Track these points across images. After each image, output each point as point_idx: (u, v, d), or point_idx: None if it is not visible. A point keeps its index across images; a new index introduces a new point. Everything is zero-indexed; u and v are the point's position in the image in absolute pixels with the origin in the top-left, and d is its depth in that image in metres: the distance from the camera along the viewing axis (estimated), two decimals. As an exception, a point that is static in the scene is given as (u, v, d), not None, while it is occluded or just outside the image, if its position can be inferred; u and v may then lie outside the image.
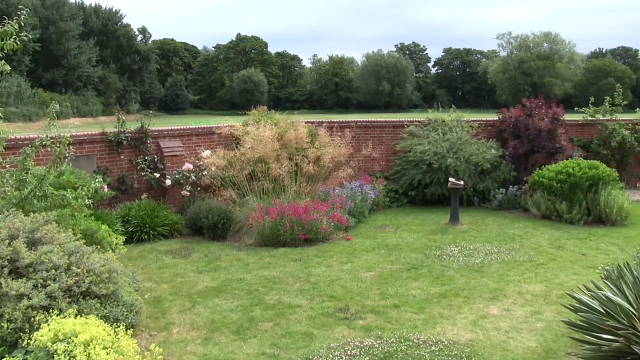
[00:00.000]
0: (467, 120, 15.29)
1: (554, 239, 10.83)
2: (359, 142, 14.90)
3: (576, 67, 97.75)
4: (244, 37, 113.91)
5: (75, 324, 4.72)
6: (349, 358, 5.76)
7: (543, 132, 14.16)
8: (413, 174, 13.93)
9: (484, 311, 7.10)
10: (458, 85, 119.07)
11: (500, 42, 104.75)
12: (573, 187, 12.22)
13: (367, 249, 10.12)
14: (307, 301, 7.46)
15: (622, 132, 16.26)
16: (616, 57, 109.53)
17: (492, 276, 8.47)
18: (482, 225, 11.99)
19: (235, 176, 12.09)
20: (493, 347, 6.05)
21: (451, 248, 10.08)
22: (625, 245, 10.18)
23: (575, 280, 8.07)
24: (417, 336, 6.28)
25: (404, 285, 8.07)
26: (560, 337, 6.26)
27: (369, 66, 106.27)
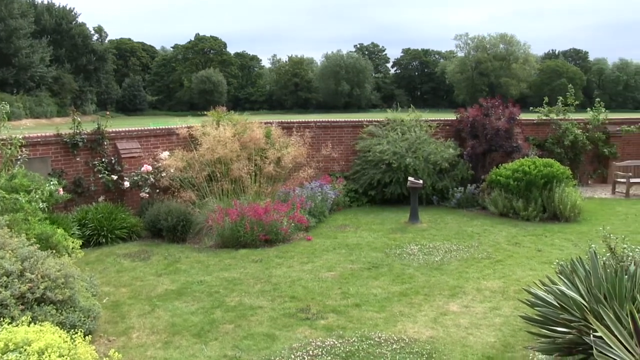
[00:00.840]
0: (425, 120, 15.48)
1: (511, 236, 11.06)
2: (318, 142, 14.93)
3: (531, 67, 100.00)
4: (203, 37, 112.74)
5: (28, 332, 4.56)
6: (311, 358, 5.76)
7: (500, 131, 14.45)
8: (372, 173, 14.03)
9: (444, 308, 7.19)
10: (417, 86, 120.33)
11: (457, 43, 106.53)
12: (529, 185, 12.50)
13: (327, 248, 10.14)
14: (268, 302, 7.43)
15: (575, 131, 16.73)
16: (568, 59, 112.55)
17: (451, 274, 8.59)
18: (442, 224, 12.16)
19: (194, 177, 11.98)
20: (453, 343, 6.13)
21: (411, 247, 10.19)
22: (578, 241, 10.47)
23: (532, 276, 8.25)
24: (379, 335, 6.32)
25: (365, 285, 8.12)
26: (518, 331, 6.40)
27: (328, 66, 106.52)
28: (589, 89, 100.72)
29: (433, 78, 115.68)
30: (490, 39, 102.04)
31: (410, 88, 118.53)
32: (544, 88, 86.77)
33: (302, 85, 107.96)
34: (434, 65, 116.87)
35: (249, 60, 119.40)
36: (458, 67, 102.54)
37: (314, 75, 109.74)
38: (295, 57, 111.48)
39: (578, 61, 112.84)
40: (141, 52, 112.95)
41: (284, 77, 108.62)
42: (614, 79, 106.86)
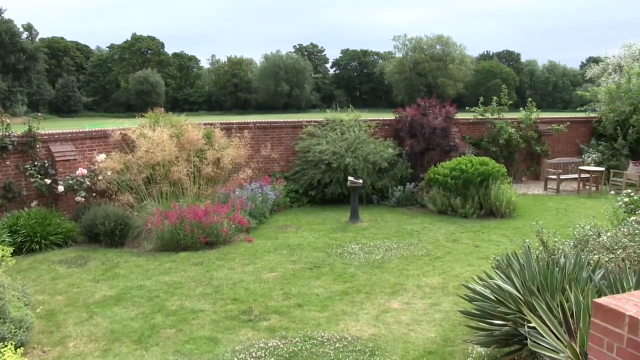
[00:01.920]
0: (364, 119, 15.64)
1: (449, 232, 11.30)
2: (258, 143, 14.86)
3: (467, 68, 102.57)
4: (140, 37, 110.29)
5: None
6: (254, 360, 5.74)
7: (437, 130, 14.75)
8: (313, 173, 14.06)
9: (385, 306, 7.28)
10: (356, 86, 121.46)
11: (396, 44, 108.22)
12: (466, 183, 12.81)
13: (269, 249, 10.11)
14: (210, 305, 7.35)
15: (509, 130, 17.27)
16: (502, 60, 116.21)
17: (392, 271, 8.71)
18: (382, 222, 12.31)
19: (132, 180, 11.69)
20: (395, 340, 6.22)
21: (352, 246, 10.27)
22: (513, 236, 10.80)
23: (470, 271, 8.46)
24: (321, 334, 6.34)
25: (307, 285, 8.14)
26: (458, 326, 6.55)
27: (267, 67, 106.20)
28: (521, 89, 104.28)
29: (372, 78, 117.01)
30: (427, 40, 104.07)
31: (349, 88, 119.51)
32: (479, 88, 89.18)
33: (242, 86, 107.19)
34: (372, 66, 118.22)
35: (187, 61, 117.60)
36: (396, 68, 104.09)
37: (254, 75, 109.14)
38: (234, 57, 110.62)
39: (511, 62, 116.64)
40: (75, 52, 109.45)
41: (223, 78, 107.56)
42: (544, 80, 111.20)
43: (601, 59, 23.66)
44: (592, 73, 23.06)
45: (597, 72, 22.66)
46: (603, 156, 18.14)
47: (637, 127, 17.84)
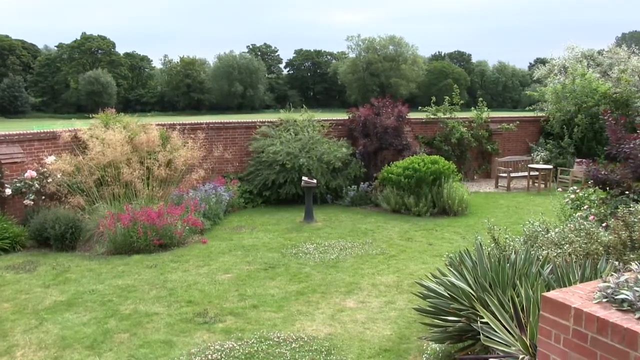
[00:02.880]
0: (318, 120, 15.67)
1: (403, 231, 11.43)
2: (211, 143, 14.71)
3: (419, 68, 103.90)
4: (90, 36, 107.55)
5: None
6: (209, 363, 5.68)
7: (390, 130, 14.90)
8: (267, 174, 14.01)
9: (341, 305, 7.31)
10: (309, 86, 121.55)
11: (349, 44, 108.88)
12: (419, 182, 12.97)
13: (223, 251, 10.03)
14: (164, 308, 7.24)
15: (461, 129, 17.58)
16: (453, 60, 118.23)
17: (347, 270, 8.76)
18: (336, 222, 12.36)
19: (83, 182, 11.41)
20: (351, 338, 6.25)
21: (307, 245, 10.28)
22: (466, 234, 11.00)
23: (424, 269, 8.57)
24: (278, 335, 6.33)
25: (262, 285, 8.11)
26: (412, 323, 6.63)
27: (221, 67, 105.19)
28: (472, 89, 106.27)
29: (325, 79, 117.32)
30: (380, 40, 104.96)
31: (303, 88, 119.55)
32: (431, 88, 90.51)
33: (195, 87, 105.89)
34: (326, 66, 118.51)
35: (139, 61, 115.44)
36: (350, 68, 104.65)
37: (207, 76, 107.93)
38: (187, 57, 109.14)
39: (462, 63, 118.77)
40: (21, 51, 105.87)
41: (175, 78, 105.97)
42: (494, 80, 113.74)
43: (547, 60, 24.35)
44: (539, 74, 23.69)
45: (543, 73, 23.29)
46: (551, 154, 18.67)
47: (581, 126, 18.44)
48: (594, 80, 19.22)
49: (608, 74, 20.80)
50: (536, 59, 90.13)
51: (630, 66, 19.98)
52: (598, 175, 8.41)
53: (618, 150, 8.30)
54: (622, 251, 5.80)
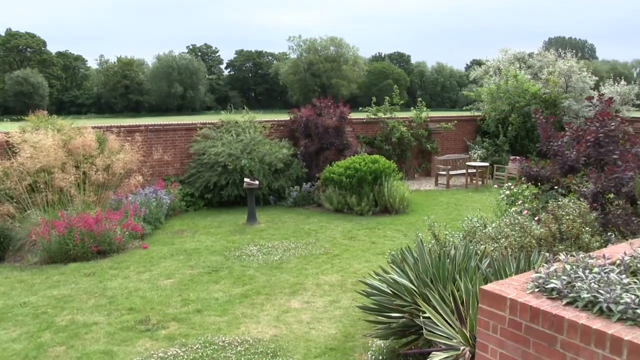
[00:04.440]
0: (260, 120, 15.63)
1: (346, 230, 11.53)
2: (151, 146, 14.45)
3: (360, 69, 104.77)
4: (17, 33, 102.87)
5: None
6: (152, 370, 5.59)
7: (331, 130, 15.01)
8: (208, 176, 13.87)
9: (285, 306, 7.32)
10: (251, 87, 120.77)
11: (290, 45, 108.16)
12: (360, 181, 13.11)
13: (165, 255, 9.86)
14: (104, 317, 7.06)
15: (401, 129, 17.87)
16: (393, 61, 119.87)
17: (291, 271, 8.77)
18: (279, 223, 12.35)
19: (12, 189, 10.97)
20: (296, 339, 6.27)
21: (250, 247, 10.24)
22: (407, 231, 11.20)
23: (367, 267, 8.67)
24: (222, 339, 6.28)
25: (206, 289, 8.02)
26: (357, 321, 6.70)
27: (160, 68, 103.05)
28: (412, 90, 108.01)
29: (267, 79, 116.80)
30: (321, 41, 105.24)
31: (244, 89, 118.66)
32: (372, 88, 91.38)
33: (133, 88, 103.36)
34: (267, 67, 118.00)
35: (73, 61, 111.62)
36: (291, 69, 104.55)
37: (145, 77, 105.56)
38: (124, 57, 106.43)
39: (402, 64, 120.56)
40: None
41: (112, 79, 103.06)
42: (433, 81, 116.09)
43: (483, 62, 25.05)
44: (475, 75, 24.33)
45: (479, 74, 23.95)
46: (487, 152, 19.22)
47: (515, 125, 19.07)
48: (526, 81, 19.95)
49: (538, 76, 21.63)
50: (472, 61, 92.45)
51: (557, 69, 20.83)
52: (530, 171, 8.70)
53: (548, 147, 8.61)
54: (552, 243, 6.04)
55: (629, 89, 20.53)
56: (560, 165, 8.26)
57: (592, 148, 7.92)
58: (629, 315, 2.74)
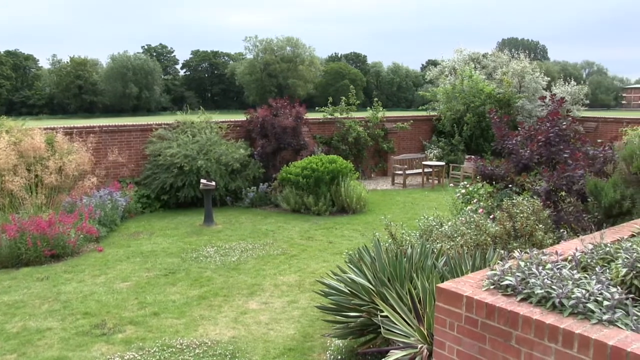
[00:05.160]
0: (216, 121, 15.50)
1: (304, 230, 11.53)
2: (105, 147, 14.16)
3: (316, 69, 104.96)
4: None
5: None
6: (108, 375, 5.48)
7: (288, 130, 14.99)
8: (164, 177, 13.68)
9: (243, 307, 7.28)
10: (207, 87, 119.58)
11: (247, 45, 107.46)
12: (318, 181, 13.14)
13: (121, 258, 9.68)
14: (58, 322, 6.88)
15: (357, 129, 17.97)
16: (349, 61, 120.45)
17: (249, 272, 8.73)
18: (237, 224, 12.27)
19: (-39, 192, 10.62)
20: (255, 340, 6.24)
21: (207, 249, 10.15)
22: (365, 231, 11.26)
23: (325, 267, 8.69)
24: (180, 341, 6.21)
25: (163, 292, 7.92)
26: (315, 321, 6.71)
27: (114, 68, 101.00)
28: (368, 90, 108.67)
29: (223, 80, 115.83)
30: (277, 41, 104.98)
31: (200, 90, 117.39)
32: (329, 89, 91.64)
33: (87, 88, 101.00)
34: (223, 67, 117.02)
35: (23, 60, 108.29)
36: (247, 69, 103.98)
37: (100, 77, 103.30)
38: (77, 57, 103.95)
39: (358, 64, 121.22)
40: None
41: (65, 79, 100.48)
42: (389, 81, 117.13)
43: (438, 62, 25.38)
44: (431, 75, 24.63)
45: (435, 74, 24.26)
46: (443, 152, 19.51)
47: (470, 124, 19.41)
48: (480, 81, 20.32)
49: (492, 76, 22.05)
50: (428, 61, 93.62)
51: (511, 69, 21.29)
52: (485, 170, 8.87)
53: (502, 146, 8.80)
54: (507, 240, 6.17)
55: (578, 89, 21.14)
56: (515, 164, 8.44)
57: (544, 147, 8.12)
58: (579, 309, 2.81)
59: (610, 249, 3.66)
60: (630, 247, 3.51)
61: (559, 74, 34.43)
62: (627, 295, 2.93)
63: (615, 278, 3.26)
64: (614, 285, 3.10)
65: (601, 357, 2.55)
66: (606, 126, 18.77)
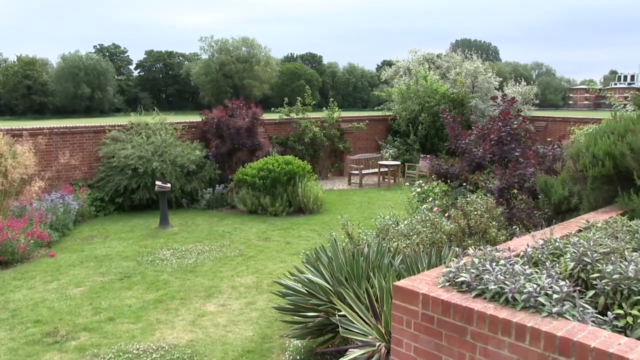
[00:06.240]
0: (171, 122, 15.30)
1: (261, 231, 11.49)
2: (57, 150, 13.81)
3: (272, 70, 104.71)
4: None
5: None
6: (61, 383, 5.35)
7: (244, 131, 14.92)
8: (119, 180, 13.43)
9: (201, 310, 7.21)
10: (162, 88, 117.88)
11: (202, 45, 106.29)
12: (274, 182, 13.12)
13: (74, 263, 9.46)
14: (6, 332, 6.66)
15: (313, 129, 18.00)
16: (305, 62, 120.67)
17: (206, 274, 8.65)
18: (193, 226, 12.14)
19: None
20: (213, 343, 6.19)
21: (163, 252, 10.01)
22: (322, 231, 11.29)
23: (283, 268, 8.67)
24: (137, 346, 6.11)
25: (118, 296, 7.77)
26: (274, 322, 6.70)
27: (65, 68, 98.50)
28: (324, 90, 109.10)
29: (178, 80, 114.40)
30: (233, 41, 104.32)
31: (155, 91, 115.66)
32: (285, 89, 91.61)
33: (36, 89, 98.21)
34: (178, 68, 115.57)
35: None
36: (203, 69, 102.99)
37: (50, 77, 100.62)
38: (25, 57, 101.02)
39: (314, 64, 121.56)
40: None
41: (12, 79, 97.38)
42: (345, 81, 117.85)
43: (393, 63, 25.63)
44: (386, 75, 24.83)
45: (390, 74, 24.46)
46: (398, 151, 19.71)
47: (425, 124, 19.67)
48: (435, 81, 20.61)
49: (446, 76, 22.38)
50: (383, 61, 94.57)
51: (464, 69, 21.67)
52: (440, 169, 9.01)
53: (456, 146, 8.95)
54: (462, 238, 6.28)
55: (529, 89, 21.66)
56: (468, 163, 8.60)
57: (496, 146, 8.29)
58: (531, 303, 2.89)
59: (559, 244, 3.77)
60: (577, 241, 3.62)
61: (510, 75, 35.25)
62: (574, 287, 3.03)
63: (564, 272, 3.36)
64: (563, 279, 3.20)
65: (551, 347, 2.63)
66: (555, 125, 19.29)
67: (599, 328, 2.73)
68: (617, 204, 5.61)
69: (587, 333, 2.61)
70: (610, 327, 2.82)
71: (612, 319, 2.85)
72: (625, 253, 3.55)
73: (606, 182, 5.79)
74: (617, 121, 6.35)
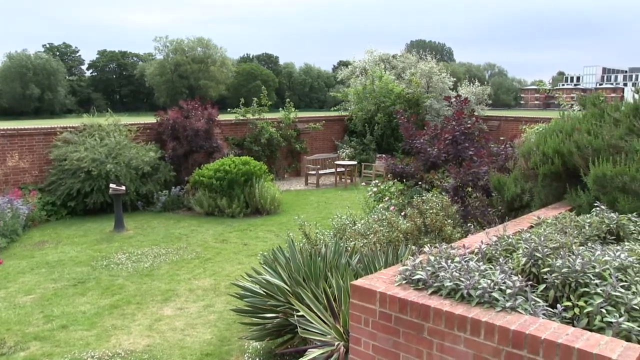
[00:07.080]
0: (125, 124, 15.02)
1: (218, 233, 11.40)
2: (4, 152, 13.39)
3: (228, 70, 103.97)
4: None
5: None
6: (12, 393, 5.19)
7: (200, 132, 14.78)
8: (71, 183, 13.11)
9: (158, 314, 7.11)
10: (115, 89, 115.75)
11: (156, 46, 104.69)
12: (231, 183, 13.03)
13: (24, 270, 9.18)
14: (-48, 341, 6.43)
15: (270, 130, 17.96)
16: (261, 62, 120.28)
17: (162, 278, 8.53)
18: (149, 229, 11.96)
19: None
20: (171, 347, 6.11)
21: (119, 256, 9.82)
22: (279, 231, 11.28)
23: (240, 270, 8.62)
24: (91, 354, 5.98)
25: (71, 303, 7.59)
26: (232, 324, 6.65)
27: (12, 67, 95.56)
28: (281, 90, 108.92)
29: (132, 81, 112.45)
30: (188, 42, 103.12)
31: (108, 91, 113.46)
32: (241, 90, 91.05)
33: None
34: (132, 68, 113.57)
35: None
36: (158, 70, 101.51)
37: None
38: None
39: (270, 65, 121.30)
40: None
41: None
42: (302, 82, 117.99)
43: (350, 63, 25.76)
44: (342, 75, 24.94)
45: (346, 75, 24.58)
46: (355, 151, 19.84)
47: (381, 124, 19.86)
48: (391, 82, 20.82)
49: (402, 76, 22.63)
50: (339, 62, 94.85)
51: (419, 70, 21.95)
52: (396, 169, 9.11)
53: (411, 145, 9.07)
54: (418, 236, 6.36)
55: (482, 89, 22.09)
56: (423, 162, 8.72)
57: (451, 145, 8.44)
58: (485, 298, 2.95)
59: (512, 240, 3.86)
60: (529, 237, 3.71)
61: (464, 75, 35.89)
62: (526, 282, 3.10)
63: (516, 267, 3.44)
64: (516, 274, 3.28)
65: (505, 341, 2.69)
66: (507, 124, 19.72)
67: (550, 320, 2.81)
68: (565, 200, 5.78)
69: (539, 325, 2.69)
70: (560, 318, 2.90)
71: (561, 311, 2.93)
72: (573, 247, 3.67)
73: (555, 179, 5.96)
74: (565, 120, 6.54)
